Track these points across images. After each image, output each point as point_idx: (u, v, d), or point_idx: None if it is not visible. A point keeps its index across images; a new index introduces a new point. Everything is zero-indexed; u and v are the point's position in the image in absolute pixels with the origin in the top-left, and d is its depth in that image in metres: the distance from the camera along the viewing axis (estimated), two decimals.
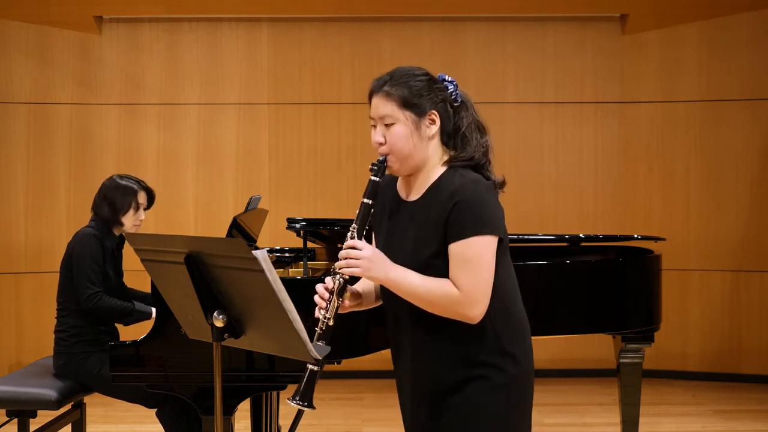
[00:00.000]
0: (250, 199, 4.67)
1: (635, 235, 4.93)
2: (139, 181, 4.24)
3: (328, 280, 2.41)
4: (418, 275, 2.34)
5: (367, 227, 2.41)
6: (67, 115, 7.00)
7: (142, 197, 4.22)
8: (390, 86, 2.40)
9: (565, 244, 4.78)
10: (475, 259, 2.31)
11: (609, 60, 7.09)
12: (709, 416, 5.94)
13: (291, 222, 4.21)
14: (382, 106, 2.40)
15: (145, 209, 4.25)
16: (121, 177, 4.25)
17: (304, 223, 4.20)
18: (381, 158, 2.41)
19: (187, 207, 7.07)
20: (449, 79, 2.47)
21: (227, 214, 6.75)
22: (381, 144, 2.41)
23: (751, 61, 6.88)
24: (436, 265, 2.36)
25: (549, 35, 7.14)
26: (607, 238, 4.83)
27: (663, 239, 4.74)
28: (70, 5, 6.83)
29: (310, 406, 2.37)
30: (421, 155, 2.41)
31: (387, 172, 2.45)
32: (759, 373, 6.85)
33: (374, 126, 2.43)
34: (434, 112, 2.41)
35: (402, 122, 2.39)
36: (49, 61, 6.98)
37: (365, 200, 2.40)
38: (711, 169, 6.96)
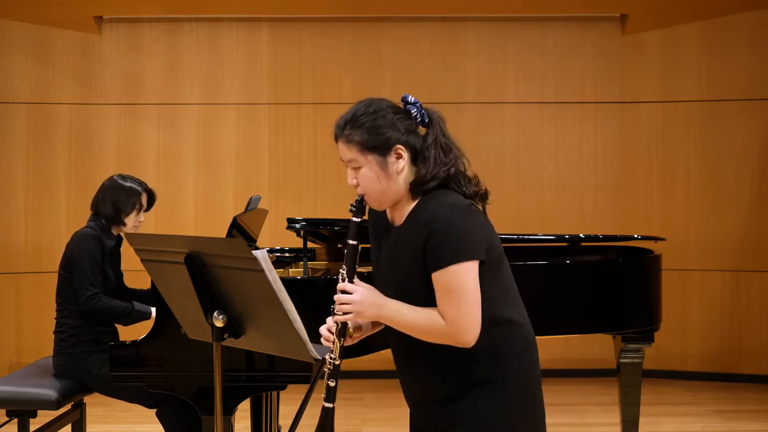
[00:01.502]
0: (250, 199, 4.66)
1: (635, 235, 4.92)
2: (141, 183, 4.24)
3: (330, 321, 2.43)
4: (409, 308, 2.34)
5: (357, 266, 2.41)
6: (67, 115, 7.00)
7: (144, 199, 4.22)
8: (350, 130, 2.38)
9: (565, 244, 4.78)
10: (455, 288, 2.29)
11: (609, 60, 7.09)
12: (709, 416, 5.94)
13: (291, 222, 4.21)
14: (345, 152, 2.40)
15: (145, 211, 4.25)
16: (123, 178, 4.24)
17: (304, 223, 4.20)
18: (358, 198, 2.43)
19: (187, 207, 7.07)
20: (412, 101, 2.41)
21: (227, 214, 6.74)
22: (356, 186, 2.43)
23: (751, 61, 6.88)
24: (423, 293, 2.34)
25: (549, 35, 7.14)
26: (607, 238, 4.83)
27: (663, 239, 4.73)
28: (70, 5, 6.82)
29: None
30: (394, 190, 2.39)
31: (369, 208, 2.46)
32: (759, 373, 6.85)
33: (347, 167, 2.44)
34: (399, 146, 2.37)
35: (366, 165, 2.38)
36: (49, 61, 6.98)
37: (350, 242, 2.41)
38: (711, 169, 6.96)
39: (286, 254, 4.85)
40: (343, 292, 2.35)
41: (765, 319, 6.89)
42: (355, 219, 2.41)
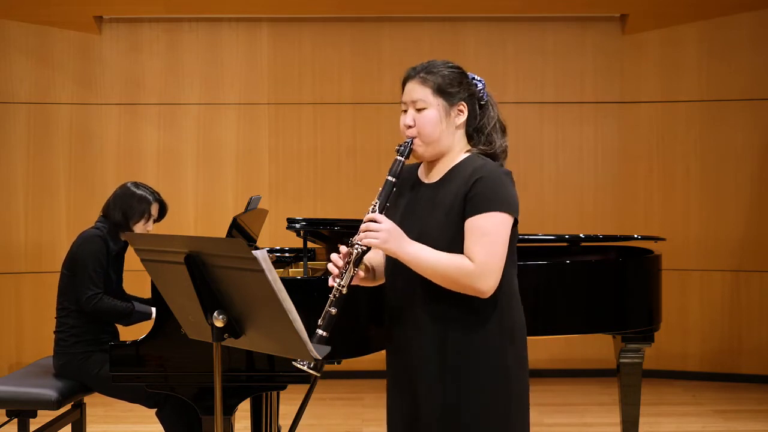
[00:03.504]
0: (250, 199, 4.67)
1: (635, 235, 4.92)
2: (153, 192, 4.24)
3: (344, 249, 2.47)
4: (433, 250, 2.41)
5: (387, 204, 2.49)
6: (67, 115, 7.00)
7: (154, 209, 4.22)
8: (426, 73, 2.53)
9: (565, 244, 4.78)
10: (491, 233, 2.39)
11: (609, 60, 7.09)
12: (709, 416, 5.94)
13: (291, 222, 4.21)
14: (417, 90, 2.52)
15: (155, 221, 4.25)
16: (137, 185, 4.24)
17: (304, 223, 4.20)
18: (407, 140, 2.52)
19: (187, 207, 7.06)
20: (478, 78, 2.61)
21: (227, 214, 6.75)
22: (410, 127, 2.51)
23: (751, 61, 6.88)
24: (459, 242, 2.42)
25: (549, 35, 7.14)
26: (607, 238, 4.83)
27: (663, 239, 4.73)
28: (70, 5, 6.82)
29: (317, 370, 2.46)
30: (447, 142, 2.52)
31: (411, 156, 2.54)
32: (759, 373, 6.85)
33: (405, 111, 2.53)
34: (463, 103, 2.54)
35: (434, 107, 2.50)
36: (49, 61, 6.98)
37: (389, 178, 2.49)
38: (711, 169, 6.96)
39: (286, 254, 4.85)
40: (372, 222, 2.42)
41: (765, 319, 6.89)
42: (399, 158, 2.51)
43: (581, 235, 4.71)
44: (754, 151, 6.89)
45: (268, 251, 4.65)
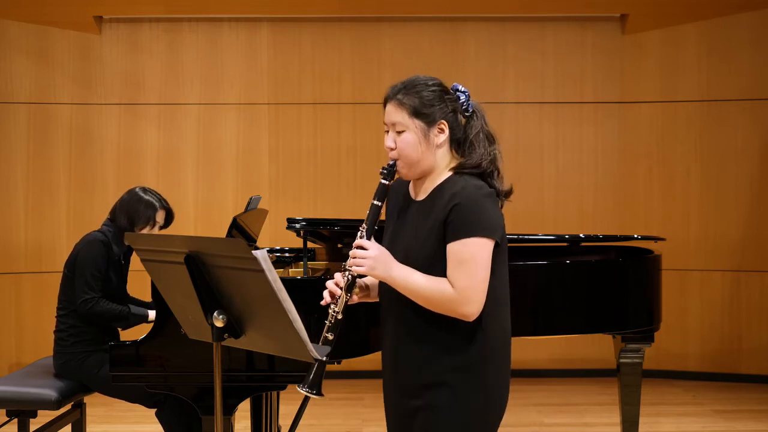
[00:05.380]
0: (250, 199, 4.67)
1: (635, 235, 4.92)
2: (161, 199, 4.22)
3: (338, 276, 2.50)
4: (419, 274, 2.43)
5: (376, 227, 2.50)
6: (67, 115, 7.00)
7: (160, 216, 4.20)
8: (403, 95, 2.51)
9: (565, 244, 4.78)
10: (469, 259, 2.38)
11: (609, 60, 7.10)
12: (709, 416, 5.94)
13: (291, 222, 4.21)
14: (394, 113, 2.51)
15: (161, 227, 4.24)
16: (145, 191, 4.23)
17: (304, 223, 4.20)
18: (391, 162, 2.52)
19: (187, 207, 7.06)
20: (462, 89, 2.57)
21: (227, 214, 6.75)
22: (392, 149, 2.52)
23: (751, 61, 6.88)
24: (437, 265, 2.42)
25: (549, 35, 7.14)
26: (607, 238, 4.83)
27: (663, 239, 4.74)
28: (70, 5, 6.83)
29: (319, 393, 2.45)
30: (428, 162, 2.51)
31: (396, 177, 2.55)
32: (759, 373, 6.85)
33: (387, 131, 2.54)
34: (443, 122, 2.50)
35: (411, 130, 2.49)
36: (49, 61, 6.98)
37: (375, 202, 2.50)
38: (711, 169, 6.96)
39: (286, 254, 4.85)
40: (360, 248, 2.44)
41: (765, 319, 6.89)
42: (383, 181, 2.52)
43: (581, 235, 4.71)
44: (754, 152, 6.89)
45: (268, 251, 4.65)
